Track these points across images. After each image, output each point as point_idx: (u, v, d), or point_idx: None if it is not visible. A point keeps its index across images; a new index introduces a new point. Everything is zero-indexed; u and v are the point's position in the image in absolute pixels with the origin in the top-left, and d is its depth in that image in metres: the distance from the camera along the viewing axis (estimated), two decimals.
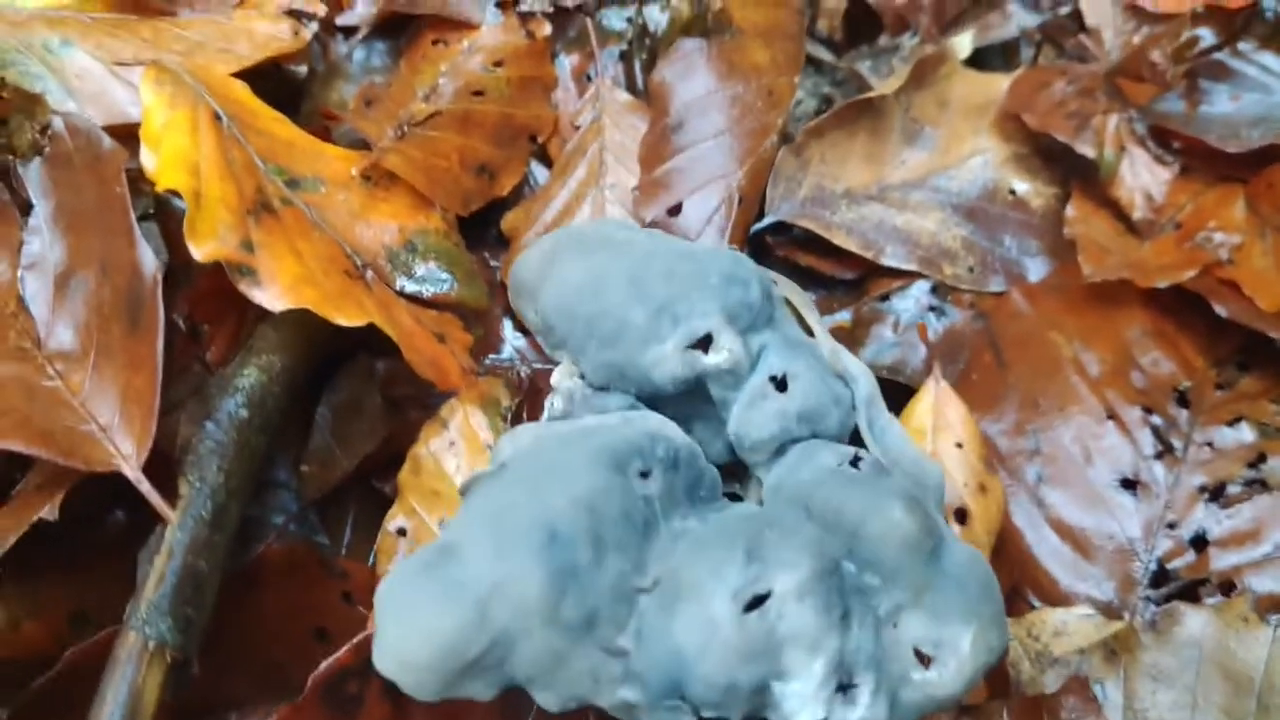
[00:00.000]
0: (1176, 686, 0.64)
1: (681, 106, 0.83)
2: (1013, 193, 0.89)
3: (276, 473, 0.78)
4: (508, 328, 0.84)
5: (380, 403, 0.78)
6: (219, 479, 0.63)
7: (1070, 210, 0.85)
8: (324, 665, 0.61)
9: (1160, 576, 0.71)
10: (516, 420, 0.76)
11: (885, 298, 0.84)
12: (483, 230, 0.89)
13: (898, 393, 0.76)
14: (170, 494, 0.63)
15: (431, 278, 0.76)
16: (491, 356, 0.82)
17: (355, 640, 0.62)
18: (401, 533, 0.73)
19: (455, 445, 0.72)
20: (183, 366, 0.74)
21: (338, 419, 0.78)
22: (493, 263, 0.88)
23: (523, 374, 0.78)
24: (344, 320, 0.66)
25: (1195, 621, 0.64)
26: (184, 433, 0.66)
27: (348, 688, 0.62)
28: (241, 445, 0.65)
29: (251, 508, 0.76)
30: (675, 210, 0.81)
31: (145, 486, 0.61)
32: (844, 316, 0.84)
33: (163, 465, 0.65)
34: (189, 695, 0.66)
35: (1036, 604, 0.71)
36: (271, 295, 0.65)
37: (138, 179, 0.71)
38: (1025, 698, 0.64)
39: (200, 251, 0.66)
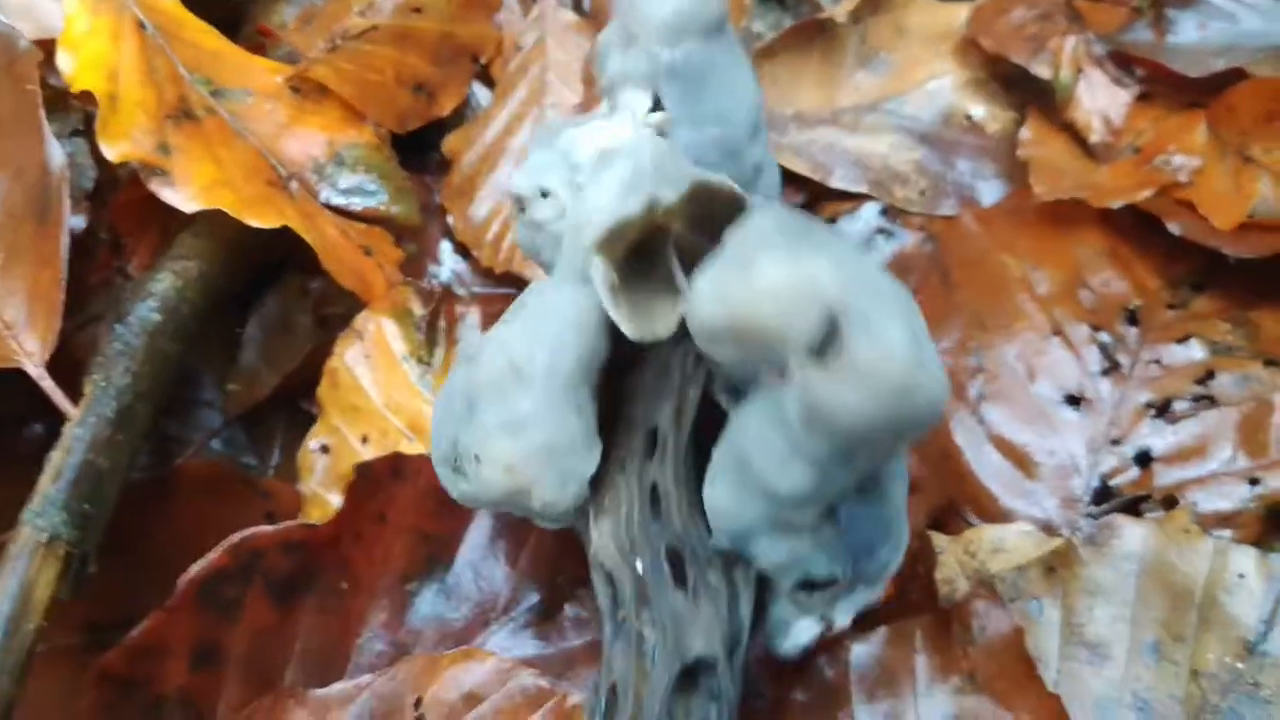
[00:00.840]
0: (1114, 601, 0.62)
1: None
2: (969, 117, 0.86)
3: (203, 391, 0.76)
4: (446, 250, 0.83)
5: (310, 321, 0.77)
6: (125, 380, 0.61)
7: (1025, 132, 0.83)
8: (197, 567, 0.60)
9: (1102, 493, 0.68)
10: (431, 330, 0.74)
11: (833, 220, 0.82)
12: (424, 153, 0.87)
13: None
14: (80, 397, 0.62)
15: (360, 191, 0.74)
16: (428, 279, 0.80)
17: (231, 541, 0.61)
18: (324, 450, 0.72)
19: (370, 358, 0.71)
20: (105, 279, 0.73)
21: (266, 337, 0.76)
22: (436, 187, 0.86)
23: (435, 285, 0.76)
24: (258, 222, 0.64)
25: (1135, 535, 0.62)
26: (97, 337, 0.64)
27: (226, 591, 0.61)
28: (152, 350, 0.63)
29: (176, 424, 0.75)
30: None
31: (47, 383, 0.60)
32: None
33: (77, 372, 0.64)
34: (102, 605, 0.65)
35: (975, 522, 0.69)
36: (185, 196, 0.64)
37: (66, 94, 0.70)
38: (936, 610, 0.62)
39: (112, 151, 0.64)
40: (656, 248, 0.50)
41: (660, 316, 0.48)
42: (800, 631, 0.55)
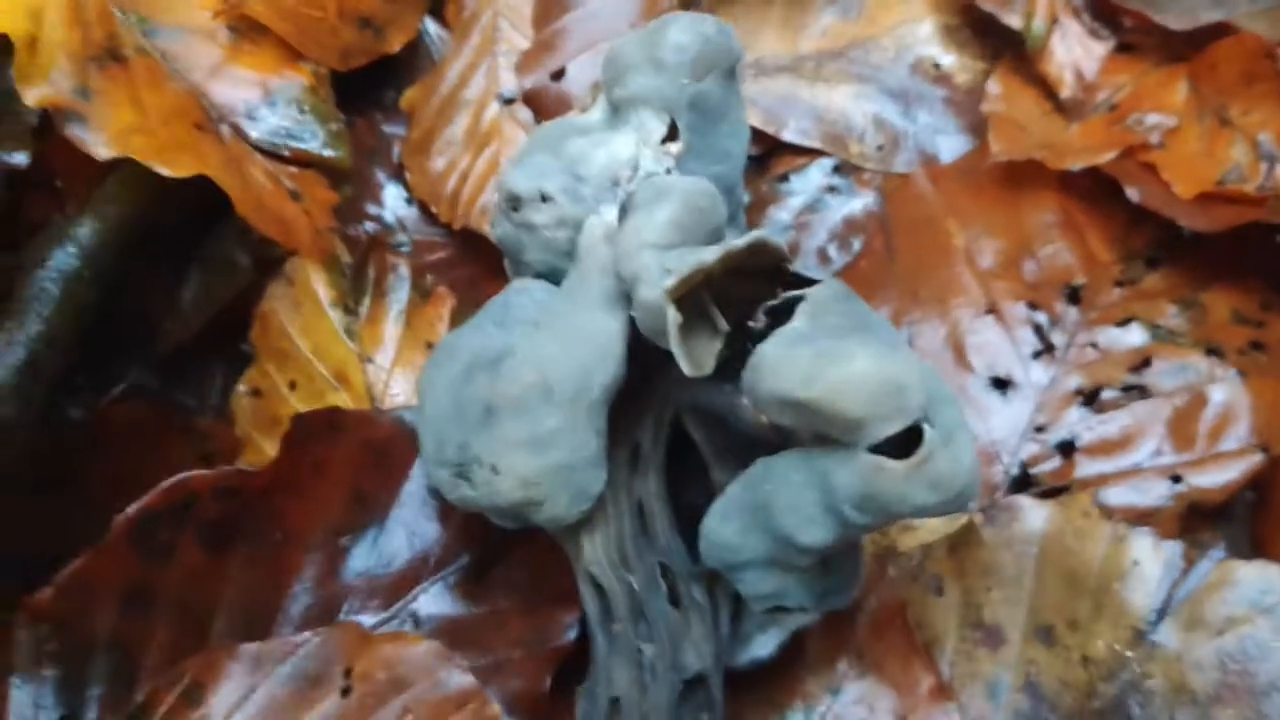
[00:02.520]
0: (1011, 583, 0.62)
1: None
2: (936, 66, 0.82)
3: (144, 331, 0.77)
4: (391, 195, 0.82)
5: (250, 264, 0.77)
6: (37, 328, 0.62)
7: (991, 85, 0.79)
8: (131, 509, 0.61)
9: (1022, 482, 0.67)
10: (359, 278, 0.74)
11: (785, 177, 0.79)
12: (377, 93, 0.85)
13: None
14: None
15: (292, 134, 0.73)
16: (365, 225, 0.79)
17: (165, 485, 0.62)
18: (255, 393, 0.73)
19: (297, 303, 0.71)
20: (40, 223, 0.73)
21: (206, 278, 0.77)
22: (385, 128, 0.85)
23: (364, 233, 0.76)
24: (170, 171, 0.64)
25: (1035, 516, 0.62)
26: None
27: (159, 534, 0.63)
28: (68, 296, 0.64)
29: (114, 364, 0.76)
30: (558, 75, 0.77)
31: None
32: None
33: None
34: (37, 546, 0.67)
35: None
36: (98, 142, 0.64)
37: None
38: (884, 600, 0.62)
39: (29, 95, 0.64)
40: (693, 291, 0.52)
41: (705, 353, 0.51)
42: (760, 645, 0.59)
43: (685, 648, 0.55)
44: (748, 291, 0.53)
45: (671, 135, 0.58)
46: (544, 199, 0.56)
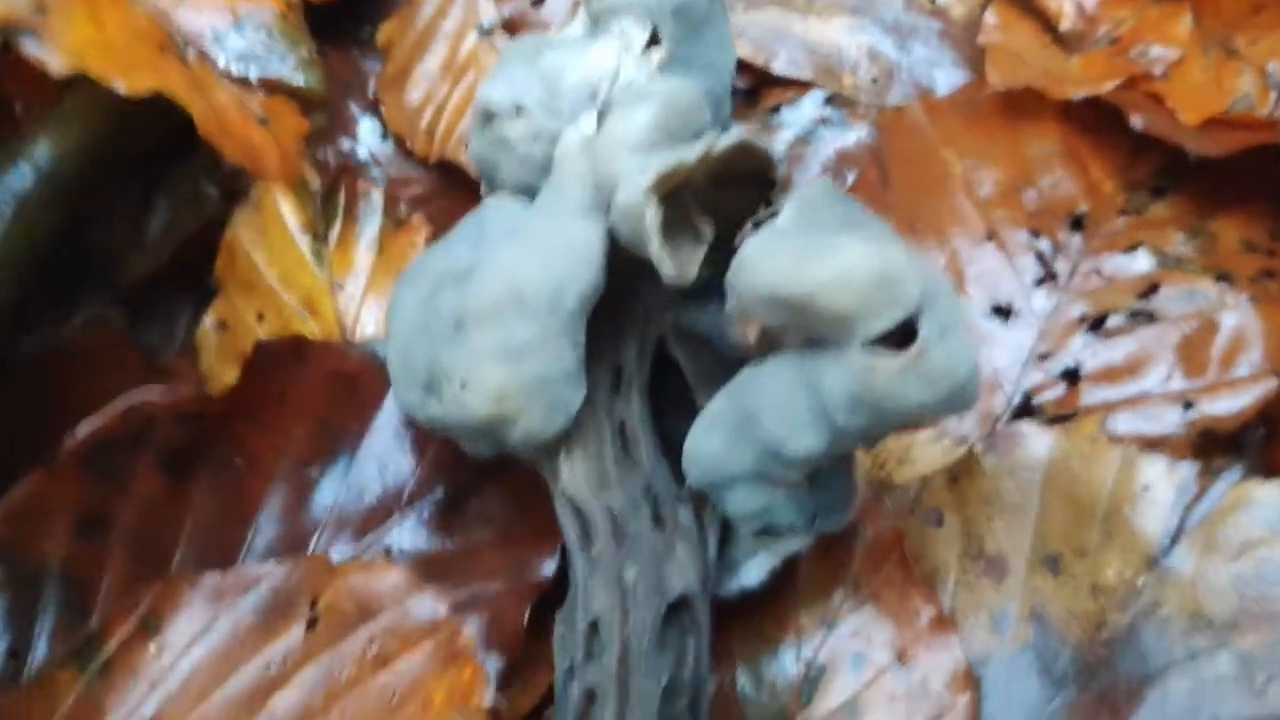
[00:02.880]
0: (1015, 512, 0.59)
1: None
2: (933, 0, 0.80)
3: (106, 263, 0.74)
4: (366, 129, 0.79)
5: (217, 195, 0.74)
6: None
7: (989, 17, 0.77)
8: (84, 429, 0.58)
9: (1024, 411, 0.64)
10: (329, 204, 0.71)
11: (775, 110, 0.77)
12: (353, 28, 0.83)
13: None
14: None
15: (260, 59, 0.70)
16: (337, 154, 0.77)
17: (121, 407, 0.59)
18: (221, 326, 0.70)
19: (264, 231, 0.68)
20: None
21: (173, 208, 0.74)
22: (361, 64, 0.82)
23: (332, 159, 0.73)
24: (129, 89, 0.61)
25: (1040, 443, 0.59)
26: None
27: (115, 459, 0.59)
28: (22, 217, 0.61)
29: (75, 296, 0.73)
30: (539, 1, 0.74)
31: None
32: None
33: None
34: None
35: None
36: (52, 56, 0.60)
37: None
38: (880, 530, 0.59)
39: None
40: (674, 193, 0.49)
41: (688, 260, 0.49)
42: (749, 573, 0.57)
43: (669, 571, 0.52)
44: (733, 203, 0.51)
45: (654, 43, 0.55)
46: (519, 112, 0.54)
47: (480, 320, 0.49)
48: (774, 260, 0.44)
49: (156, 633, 0.58)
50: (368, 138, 0.78)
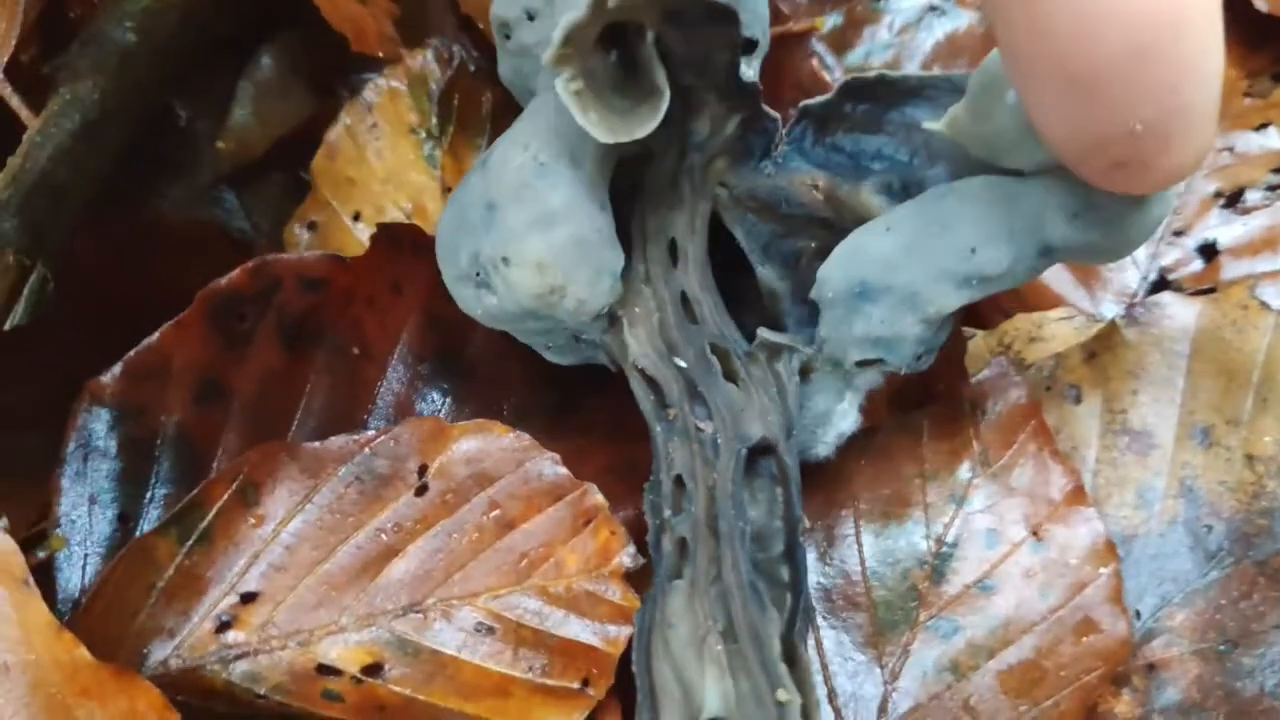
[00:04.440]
0: (1161, 384, 0.56)
1: None
2: None
3: (195, 150, 0.72)
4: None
5: (306, 82, 0.72)
6: (93, 96, 0.57)
7: None
8: (215, 284, 0.55)
9: (1160, 287, 0.62)
10: (445, 103, 0.69)
11: None
12: None
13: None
14: None
15: None
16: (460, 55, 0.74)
17: (249, 265, 0.56)
18: (311, 227, 0.67)
19: (377, 127, 0.66)
20: (86, 11, 0.68)
21: (259, 95, 0.71)
22: None
23: (455, 51, 0.70)
24: None
25: (1186, 313, 0.56)
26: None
27: (240, 318, 0.57)
28: (124, 70, 0.59)
29: (164, 180, 0.70)
30: None
31: (7, 90, 0.55)
32: (834, 20, 0.75)
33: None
34: (71, 358, 0.61)
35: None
36: None
37: None
38: (944, 399, 0.56)
39: None
40: (635, 48, 0.46)
41: (641, 120, 0.45)
42: (841, 418, 0.54)
43: (747, 419, 0.50)
44: (699, 44, 0.48)
45: None
46: (530, 17, 0.51)
47: (508, 195, 0.48)
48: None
49: (255, 504, 0.55)
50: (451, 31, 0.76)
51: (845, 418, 0.55)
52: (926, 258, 0.46)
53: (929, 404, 0.59)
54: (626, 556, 0.51)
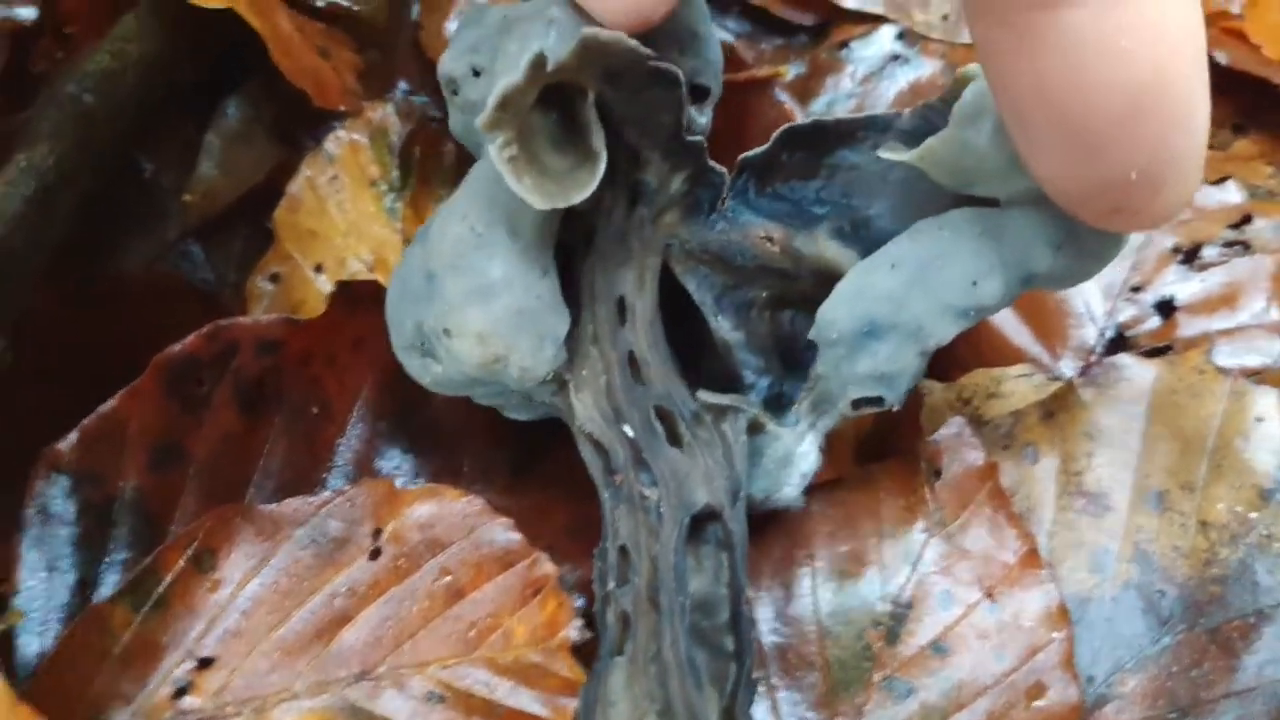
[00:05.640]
0: (1117, 446, 0.56)
1: None
2: None
3: (159, 202, 0.72)
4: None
5: (271, 132, 0.72)
6: (48, 161, 0.57)
7: None
8: (171, 349, 0.56)
9: (1117, 344, 0.62)
10: (406, 155, 0.69)
11: (845, 44, 0.75)
12: None
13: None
14: None
15: None
16: (420, 107, 0.74)
17: (205, 330, 0.56)
18: (273, 279, 0.67)
19: (338, 179, 0.66)
20: (49, 70, 0.68)
21: (225, 146, 0.71)
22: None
23: (416, 103, 0.70)
24: None
25: (1142, 375, 0.56)
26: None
27: (195, 382, 0.57)
28: (82, 131, 0.59)
29: (129, 234, 0.71)
30: None
31: None
32: (797, 69, 0.75)
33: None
34: (33, 419, 0.61)
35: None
36: None
37: None
38: (902, 455, 0.56)
39: None
40: (577, 107, 0.46)
41: (579, 184, 0.45)
42: (803, 459, 0.54)
43: (691, 485, 0.50)
44: (645, 107, 0.47)
45: None
46: (475, 73, 0.50)
47: (446, 267, 0.48)
48: None
49: (211, 569, 0.55)
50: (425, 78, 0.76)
51: (806, 459, 0.54)
52: (932, 292, 0.47)
53: (889, 457, 0.59)
54: (574, 630, 0.52)
